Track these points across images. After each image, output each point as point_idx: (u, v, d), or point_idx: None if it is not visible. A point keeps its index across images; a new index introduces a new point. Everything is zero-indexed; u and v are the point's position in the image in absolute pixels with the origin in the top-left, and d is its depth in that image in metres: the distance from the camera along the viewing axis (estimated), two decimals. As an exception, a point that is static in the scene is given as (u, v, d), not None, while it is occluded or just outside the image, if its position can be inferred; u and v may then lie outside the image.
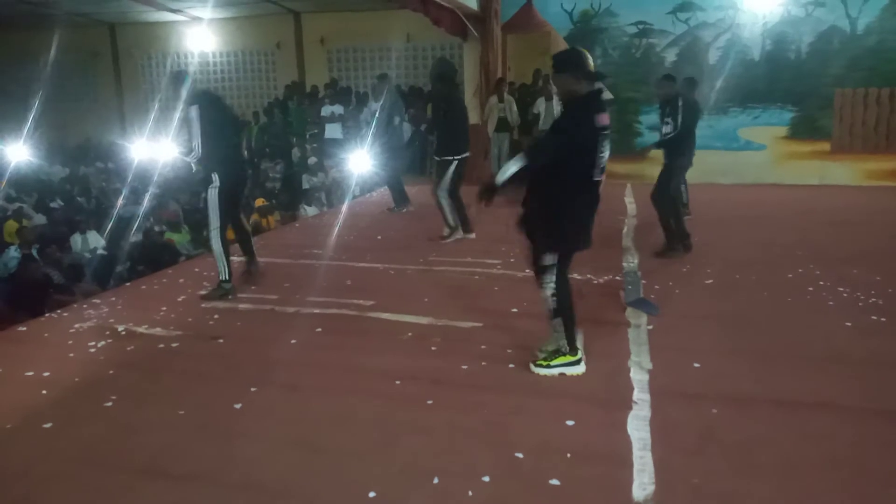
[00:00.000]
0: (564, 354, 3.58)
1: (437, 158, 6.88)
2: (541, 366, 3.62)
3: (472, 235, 6.90)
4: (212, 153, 4.92)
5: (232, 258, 5.23)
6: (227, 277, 5.11)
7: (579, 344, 3.68)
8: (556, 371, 3.58)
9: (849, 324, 4.39)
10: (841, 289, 5.08)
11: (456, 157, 6.72)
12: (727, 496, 2.56)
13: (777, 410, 3.21)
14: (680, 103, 6.19)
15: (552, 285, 3.49)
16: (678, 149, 6.28)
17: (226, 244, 5.09)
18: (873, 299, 4.83)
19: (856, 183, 10.89)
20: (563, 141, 3.35)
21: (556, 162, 3.34)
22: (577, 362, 3.60)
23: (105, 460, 2.90)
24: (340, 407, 3.33)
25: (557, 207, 3.44)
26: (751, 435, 2.99)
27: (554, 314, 3.54)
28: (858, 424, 3.07)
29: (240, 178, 5.30)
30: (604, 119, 3.44)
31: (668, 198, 6.22)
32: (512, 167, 3.30)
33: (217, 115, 5.02)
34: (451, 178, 6.69)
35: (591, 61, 3.44)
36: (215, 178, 4.96)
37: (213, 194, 4.99)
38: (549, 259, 3.48)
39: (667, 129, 6.31)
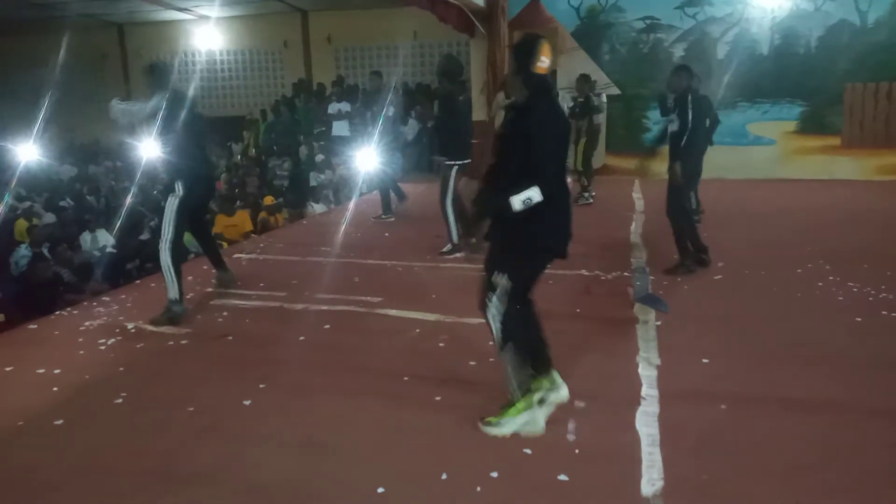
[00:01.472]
0: (513, 404, 2.96)
1: (439, 158, 6.58)
2: (492, 423, 2.97)
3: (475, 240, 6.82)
4: (179, 159, 4.56)
5: (248, 256, 5.21)
6: (178, 297, 4.59)
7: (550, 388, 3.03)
8: (508, 430, 2.93)
9: (859, 319, 4.36)
10: (851, 284, 5.05)
11: (457, 163, 6.42)
12: (735, 493, 2.55)
13: (786, 409, 3.19)
14: (689, 98, 5.51)
15: (494, 312, 2.92)
16: (685, 152, 5.60)
17: (177, 259, 4.60)
18: (883, 294, 4.80)
19: (866, 178, 10.80)
20: (543, 144, 2.83)
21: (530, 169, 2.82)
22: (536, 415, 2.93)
23: (115, 460, 2.92)
24: (348, 404, 3.34)
25: (523, 223, 2.85)
26: (759, 433, 2.98)
27: (501, 346, 2.96)
28: (867, 425, 3.05)
29: (205, 191, 4.99)
30: (562, 119, 3.12)
31: (682, 211, 5.71)
32: (535, 196, 2.75)
33: (189, 118, 4.58)
34: (454, 184, 6.46)
35: (544, 59, 2.92)
36: (179, 187, 4.55)
37: (173, 204, 4.55)
38: (500, 279, 2.91)
39: (672, 126, 5.65)
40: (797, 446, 2.86)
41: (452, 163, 6.44)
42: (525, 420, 2.96)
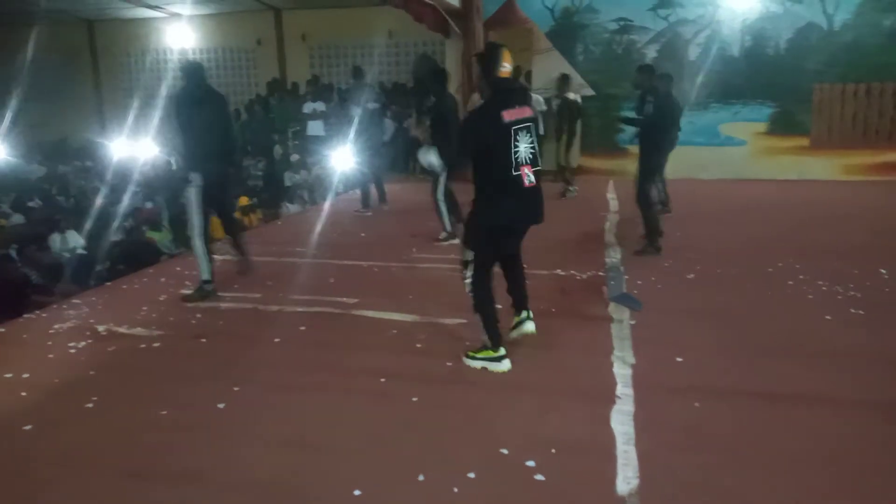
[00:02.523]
0: (487, 349, 3.66)
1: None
2: (469, 356, 3.71)
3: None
4: (193, 151, 4.85)
5: (221, 257, 5.16)
6: (209, 278, 5.04)
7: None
8: (479, 364, 3.65)
9: (828, 317, 4.44)
10: (820, 282, 5.15)
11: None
12: (711, 489, 2.59)
13: (759, 403, 3.25)
14: (650, 99, 6.11)
15: (468, 281, 3.70)
16: (648, 145, 6.16)
17: (207, 244, 5.01)
18: (852, 292, 4.90)
19: (834, 177, 11.02)
20: (464, 143, 3.51)
21: (469, 161, 3.51)
22: (499, 359, 3.62)
23: (86, 463, 2.87)
24: (325, 405, 3.32)
25: (478, 206, 3.55)
26: (733, 428, 3.02)
27: (474, 309, 3.68)
28: (838, 416, 3.11)
29: (219, 171, 5.11)
30: (516, 113, 3.35)
31: (649, 198, 6.18)
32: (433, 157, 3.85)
33: (202, 111, 4.91)
34: (446, 180, 6.60)
35: (506, 65, 3.41)
36: (195, 177, 4.87)
37: (191, 194, 4.90)
38: (468, 254, 3.70)
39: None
40: (774, 440, 2.90)
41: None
42: (490, 362, 3.62)
